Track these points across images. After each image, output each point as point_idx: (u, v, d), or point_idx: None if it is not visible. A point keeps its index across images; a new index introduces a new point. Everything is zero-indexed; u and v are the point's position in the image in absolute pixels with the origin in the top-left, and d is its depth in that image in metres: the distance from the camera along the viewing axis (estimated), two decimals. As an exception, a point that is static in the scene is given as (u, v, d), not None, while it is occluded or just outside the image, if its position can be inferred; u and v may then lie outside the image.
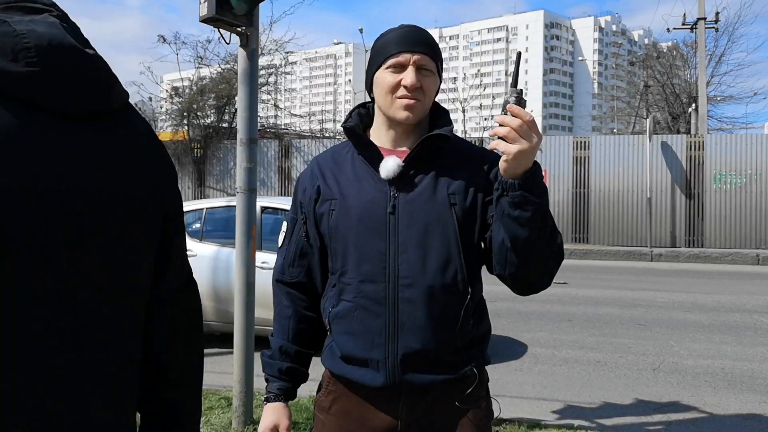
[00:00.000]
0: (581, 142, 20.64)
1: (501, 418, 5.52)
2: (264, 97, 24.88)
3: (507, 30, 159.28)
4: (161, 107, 24.75)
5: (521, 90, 1.73)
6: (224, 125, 22.64)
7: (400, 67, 1.93)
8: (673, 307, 10.94)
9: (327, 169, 2.05)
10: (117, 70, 1.42)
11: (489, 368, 2.14)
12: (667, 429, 5.65)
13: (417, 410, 1.97)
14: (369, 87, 2.04)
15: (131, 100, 1.48)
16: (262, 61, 23.79)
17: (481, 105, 26.00)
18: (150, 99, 24.45)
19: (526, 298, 11.27)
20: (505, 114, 1.69)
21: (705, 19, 24.38)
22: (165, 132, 24.40)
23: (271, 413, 2.09)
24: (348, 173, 2.01)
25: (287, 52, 24.45)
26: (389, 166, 1.94)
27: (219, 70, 22.74)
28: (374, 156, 1.98)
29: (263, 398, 2.15)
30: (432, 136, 1.96)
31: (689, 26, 26.12)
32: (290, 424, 2.10)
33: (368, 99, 2.13)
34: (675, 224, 19.69)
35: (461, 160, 2.00)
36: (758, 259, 17.44)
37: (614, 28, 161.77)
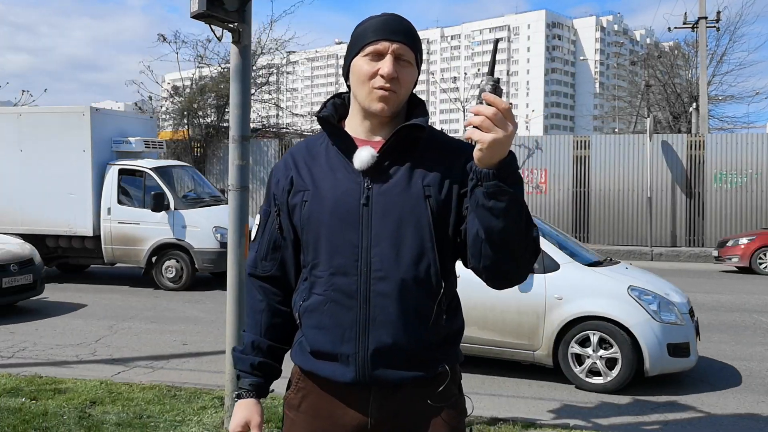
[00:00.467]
0: (582, 142, 20.61)
1: (496, 418, 5.49)
2: (265, 96, 24.86)
3: (509, 30, 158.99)
4: (161, 106, 24.72)
5: (498, 78, 1.68)
6: (224, 124, 22.58)
7: (378, 56, 1.87)
8: (672, 306, 10.87)
9: (301, 160, 2.00)
10: (119, 70, 1.36)
11: (485, 367, 2.10)
12: (664, 429, 5.61)
13: (387, 408, 1.93)
14: (346, 75, 1.98)
15: (132, 99, 1.42)
16: (263, 60, 23.78)
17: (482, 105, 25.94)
18: (150, 98, 24.43)
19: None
20: (481, 103, 1.65)
21: (706, 18, 24.33)
22: (165, 131, 24.37)
23: (243, 410, 2.03)
24: (322, 164, 1.96)
25: (288, 52, 24.43)
26: (363, 156, 1.88)
27: (219, 69, 22.70)
28: (349, 146, 1.93)
29: (234, 395, 2.11)
30: (407, 127, 1.90)
31: (690, 25, 26.05)
32: (262, 421, 2.05)
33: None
34: (675, 223, 19.66)
35: (437, 152, 1.94)
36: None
37: (616, 27, 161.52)
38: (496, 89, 1.66)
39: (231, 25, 4.89)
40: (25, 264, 10.22)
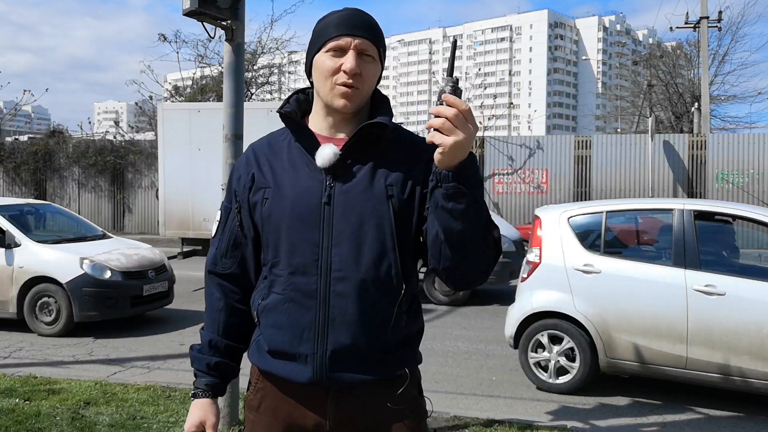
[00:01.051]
0: (583, 142, 20.59)
1: (493, 419, 5.44)
2: (266, 96, 24.86)
3: (511, 30, 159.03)
4: (162, 106, 24.71)
5: (457, 79, 1.66)
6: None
7: (341, 51, 1.84)
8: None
9: (262, 156, 1.96)
10: (121, 70, 1.32)
11: (485, 368, 2.06)
12: (662, 430, 5.56)
13: (345, 409, 1.90)
14: (308, 70, 1.95)
15: (133, 99, 1.38)
16: (263, 60, 23.77)
17: (483, 104, 25.95)
18: (151, 98, 24.43)
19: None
20: (441, 104, 1.63)
21: (708, 18, 24.29)
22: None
23: (198, 410, 2.01)
24: (284, 161, 1.93)
25: (290, 52, 24.43)
26: (325, 154, 1.85)
27: (220, 69, 22.69)
28: (311, 143, 1.90)
29: (190, 394, 2.07)
30: (371, 125, 1.87)
31: (692, 25, 26.01)
32: (217, 421, 2.02)
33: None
34: (677, 224, 19.58)
35: (401, 151, 1.92)
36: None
37: (618, 27, 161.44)
38: (456, 90, 1.64)
39: (224, 23, 4.86)
40: (160, 270, 9.68)
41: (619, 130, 47.46)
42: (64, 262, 8.84)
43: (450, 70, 1.68)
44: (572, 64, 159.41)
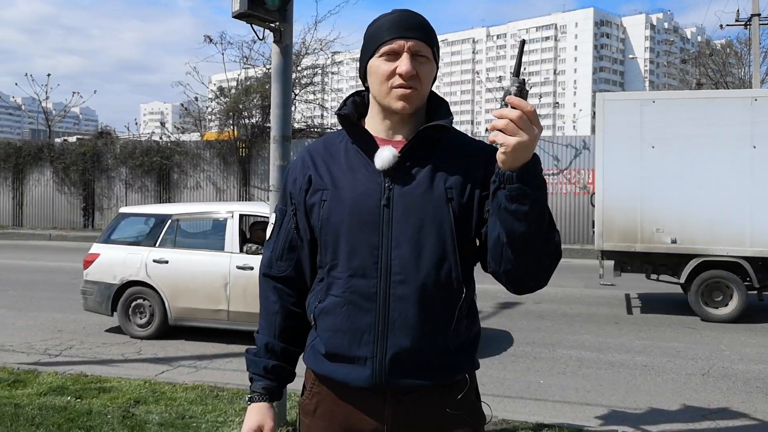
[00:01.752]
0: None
1: (542, 423, 5.37)
2: (310, 97, 24.98)
3: (556, 28, 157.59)
4: (207, 107, 25.01)
5: (523, 80, 1.63)
6: (269, 125, 22.69)
7: (394, 55, 1.83)
8: (724, 310, 10.59)
9: (319, 159, 1.95)
10: (167, 71, 1.31)
11: (532, 371, 2.03)
12: (715, 437, 5.44)
13: (403, 414, 1.87)
14: (363, 76, 1.95)
15: (178, 100, 1.38)
16: (307, 61, 23.89)
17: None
18: (196, 99, 24.73)
19: (572, 300, 11.07)
20: (505, 105, 1.61)
21: (759, 15, 23.73)
22: (211, 132, 24.66)
23: (255, 414, 1.99)
24: (341, 163, 1.91)
25: (333, 52, 24.52)
26: (384, 156, 1.84)
27: (264, 70, 22.86)
28: (369, 146, 1.88)
29: (247, 398, 2.06)
30: (431, 127, 1.86)
31: (743, 23, 25.44)
32: (275, 425, 2.00)
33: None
34: (728, 225, 19.15)
35: (459, 153, 1.90)
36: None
37: (666, 25, 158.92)
38: (522, 91, 1.62)
39: (272, 25, 4.88)
40: None
41: (666, 129, 46.69)
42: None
43: (517, 71, 1.67)
44: (619, 63, 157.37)
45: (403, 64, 1.81)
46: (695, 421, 5.75)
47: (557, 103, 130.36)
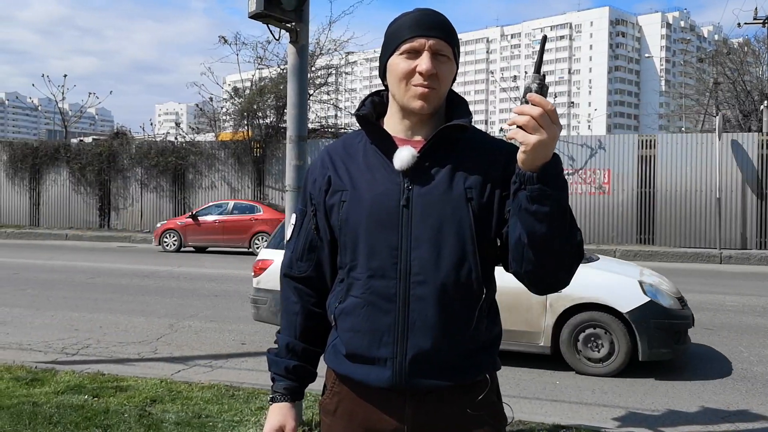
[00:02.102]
0: (647, 141, 20.17)
1: (558, 425, 5.34)
2: (324, 97, 25.02)
3: (570, 27, 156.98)
4: (222, 107, 25.09)
5: (544, 76, 1.61)
6: (283, 125, 22.82)
7: (415, 53, 1.82)
8: (742, 311, 10.53)
9: (338, 159, 1.95)
10: (182, 72, 1.30)
11: (548, 372, 2.01)
12: (735, 439, 5.39)
13: (423, 415, 1.86)
14: (382, 74, 1.93)
15: (193, 101, 1.38)
16: (321, 61, 23.93)
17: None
18: (211, 99, 24.82)
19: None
20: (526, 102, 1.59)
21: (778, 12, 23.53)
22: (226, 132, 24.75)
23: (277, 414, 2.00)
24: (360, 163, 1.91)
25: (347, 53, 24.53)
26: (403, 156, 1.83)
27: (278, 70, 22.91)
28: (388, 146, 1.87)
29: (268, 398, 2.06)
30: (450, 127, 1.85)
31: (761, 21, 25.29)
32: (296, 425, 2.00)
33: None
34: (746, 225, 19.06)
35: (478, 153, 1.88)
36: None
37: (682, 24, 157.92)
38: (542, 88, 1.59)
39: (288, 25, 4.88)
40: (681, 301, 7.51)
41: (683, 129, 46.44)
42: (618, 286, 7.35)
43: (537, 67, 1.64)
44: (634, 62, 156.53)
45: (424, 62, 1.80)
46: (714, 423, 5.69)
47: (572, 102, 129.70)
